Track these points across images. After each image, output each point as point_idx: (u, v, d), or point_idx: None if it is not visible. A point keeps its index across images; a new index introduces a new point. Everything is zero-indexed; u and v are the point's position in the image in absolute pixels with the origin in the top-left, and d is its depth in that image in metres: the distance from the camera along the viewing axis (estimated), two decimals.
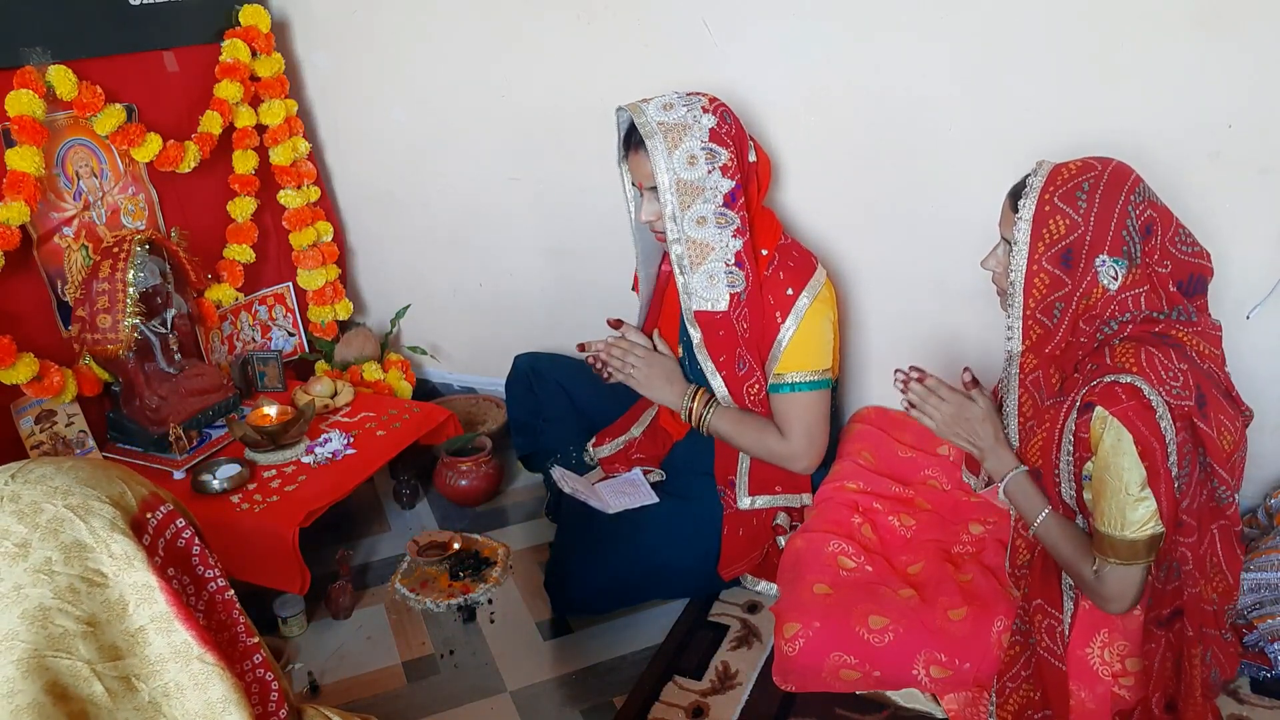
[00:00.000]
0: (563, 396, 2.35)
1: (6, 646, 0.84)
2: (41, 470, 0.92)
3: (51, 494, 0.90)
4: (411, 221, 2.84)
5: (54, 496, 0.90)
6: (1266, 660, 1.72)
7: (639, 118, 1.84)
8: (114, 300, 2.08)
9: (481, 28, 2.46)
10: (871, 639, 1.66)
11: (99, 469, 0.96)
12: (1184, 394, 1.42)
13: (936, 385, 1.70)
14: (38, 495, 0.90)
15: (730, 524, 2.03)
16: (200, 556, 0.99)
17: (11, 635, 0.84)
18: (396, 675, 1.91)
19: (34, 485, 0.91)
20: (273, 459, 2.22)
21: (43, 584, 0.86)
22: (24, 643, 0.84)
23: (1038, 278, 1.51)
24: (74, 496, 0.91)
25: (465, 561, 2.19)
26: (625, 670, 1.89)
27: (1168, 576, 1.54)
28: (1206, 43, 1.79)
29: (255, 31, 2.54)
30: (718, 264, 1.88)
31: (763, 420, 1.99)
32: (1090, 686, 1.58)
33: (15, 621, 0.84)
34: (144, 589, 0.90)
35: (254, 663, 1.02)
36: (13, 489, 0.90)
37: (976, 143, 2.03)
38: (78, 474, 0.93)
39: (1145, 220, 1.47)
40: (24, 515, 0.88)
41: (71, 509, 0.90)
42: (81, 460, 0.97)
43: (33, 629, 0.85)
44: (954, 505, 2.01)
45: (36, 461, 0.94)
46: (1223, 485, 1.48)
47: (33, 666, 0.84)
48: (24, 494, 0.90)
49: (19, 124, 2.04)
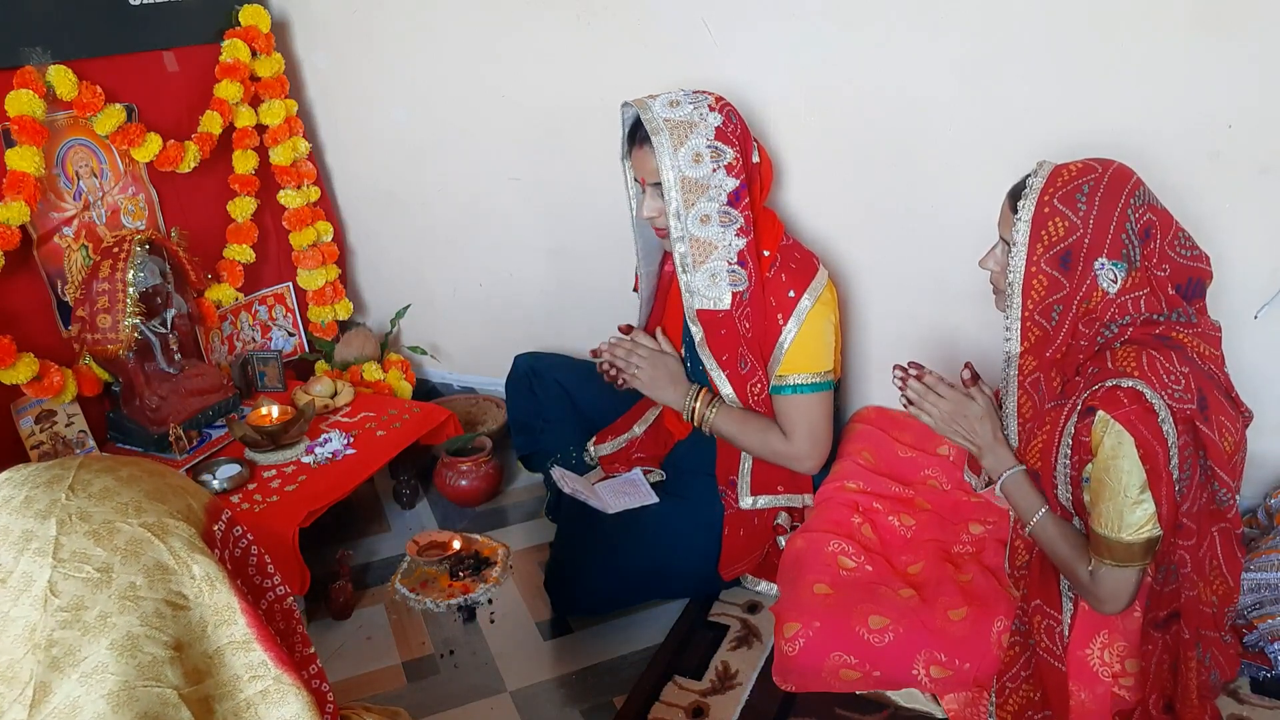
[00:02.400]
0: (563, 396, 2.35)
1: (97, 680, 0.79)
2: (101, 483, 0.87)
3: (123, 511, 0.85)
4: (411, 221, 2.84)
5: (126, 514, 0.85)
6: (1266, 660, 1.72)
7: (645, 113, 1.84)
8: (114, 300, 2.08)
9: (482, 28, 2.46)
10: (871, 639, 1.66)
11: (157, 478, 0.91)
12: (1186, 397, 1.42)
13: (935, 382, 1.70)
14: (109, 513, 0.84)
15: (731, 524, 2.03)
16: (259, 565, 0.95)
17: (101, 668, 0.79)
18: (396, 675, 1.91)
19: (100, 501, 0.85)
20: (273, 459, 2.22)
21: (129, 611, 0.81)
22: (114, 675, 0.79)
23: (1036, 279, 1.51)
24: (147, 514, 0.85)
25: (465, 561, 2.19)
26: (625, 670, 1.89)
27: (1165, 579, 1.54)
28: (1206, 43, 1.79)
29: (255, 31, 2.54)
30: (720, 263, 1.88)
31: (766, 420, 1.99)
32: (1090, 687, 1.58)
33: (104, 652, 0.79)
34: (225, 610, 0.86)
35: (310, 673, 0.98)
36: (79, 505, 0.84)
37: (977, 143, 2.03)
38: (141, 486, 0.88)
39: (1144, 224, 1.46)
40: (100, 537, 0.82)
41: (148, 528, 0.84)
42: (134, 466, 0.91)
43: (122, 659, 0.80)
44: (954, 505, 2.01)
45: (84, 468, 0.88)
46: (1223, 488, 1.48)
47: (124, 699, 0.79)
48: (93, 512, 0.84)
49: (19, 124, 2.04)
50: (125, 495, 0.86)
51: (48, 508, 0.82)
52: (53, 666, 0.78)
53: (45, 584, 0.79)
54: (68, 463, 0.88)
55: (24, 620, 0.78)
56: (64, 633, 0.79)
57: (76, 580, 0.80)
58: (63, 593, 0.79)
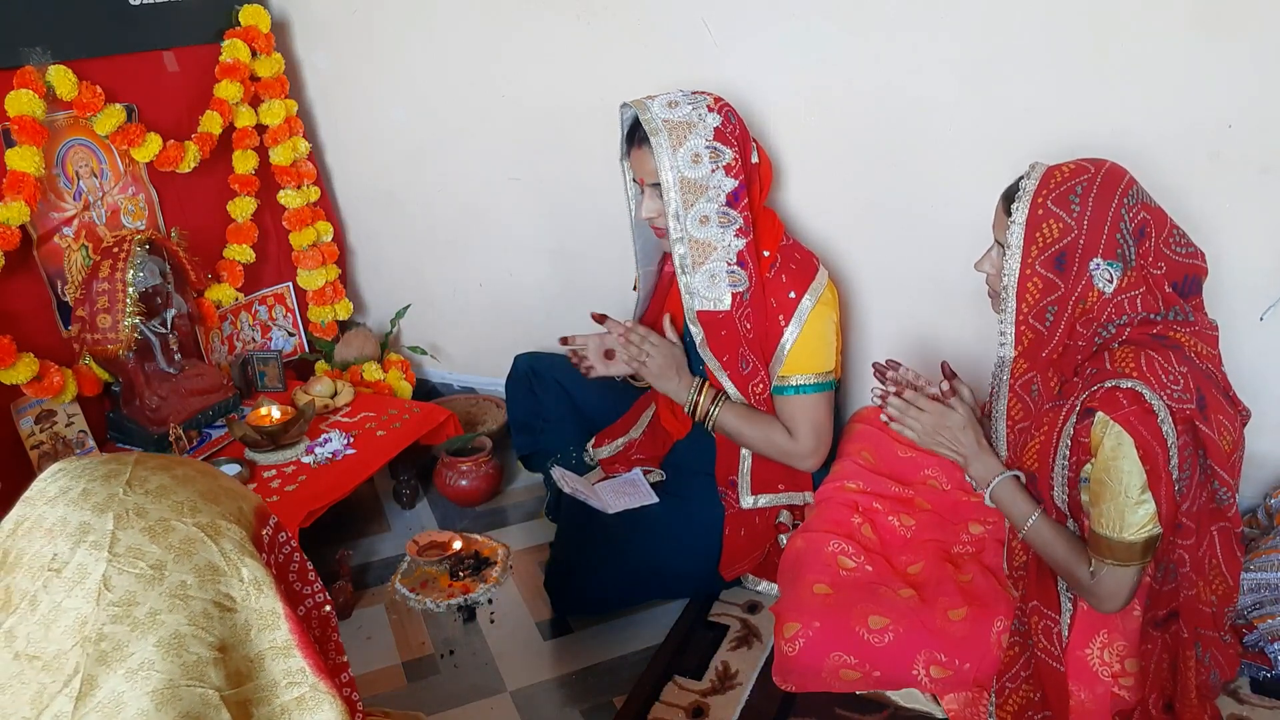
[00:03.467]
0: (563, 396, 2.35)
1: (143, 676, 0.78)
2: (158, 480, 0.87)
3: (179, 510, 0.85)
4: (411, 221, 2.84)
5: (181, 513, 0.85)
6: (1266, 660, 1.72)
7: (644, 114, 1.84)
8: (114, 300, 2.08)
9: (482, 27, 2.46)
10: (871, 639, 1.66)
11: (210, 479, 0.91)
12: (1185, 397, 1.42)
13: (914, 397, 1.68)
14: (165, 511, 0.84)
15: (732, 524, 2.03)
16: (300, 571, 0.95)
17: (147, 665, 0.78)
18: (396, 675, 1.91)
19: (157, 499, 0.85)
20: (273, 459, 2.22)
21: (178, 609, 0.81)
22: (159, 672, 0.78)
23: (1030, 282, 1.50)
24: (201, 514, 0.85)
25: (465, 561, 2.19)
26: (625, 670, 1.89)
27: (1165, 578, 1.54)
28: (1206, 43, 1.79)
29: (255, 31, 2.54)
30: (719, 264, 1.88)
31: (769, 417, 1.99)
32: (1090, 687, 1.58)
33: (151, 649, 0.79)
34: (270, 615, 0.85)
35: (342, 680, 0.97)
36: (135, 501, 0.84)
37: (976, 143, 2.03)
38: (195, 486, 0.88)
39: (1139, 223, 1.46)
40: (155, 534, 0.82)
41: (202, 528, 0.84)
42: (188, 465, 0.91)
43: (168, 658, 0.79)
44: (954, 505, 2.01)
45: (141, 464, 0.88)
46: (1223, 487, 1.48)
47: (167, 698, 0.78)
48: (149, 509, 0.84)
49: (19, 124, 2.04)
50: (181, 494, 0.86)
51: (105, 501, 0.82)
52: (100, 660, 0.77)
53: (100, 578, 0.79)
54: (124, 458, 0.88)
55: (76, 612, 0.78)
56: (114, 627, 0.78)
57: (130, 575, 0.80)
58: (116, 587, 0.79)
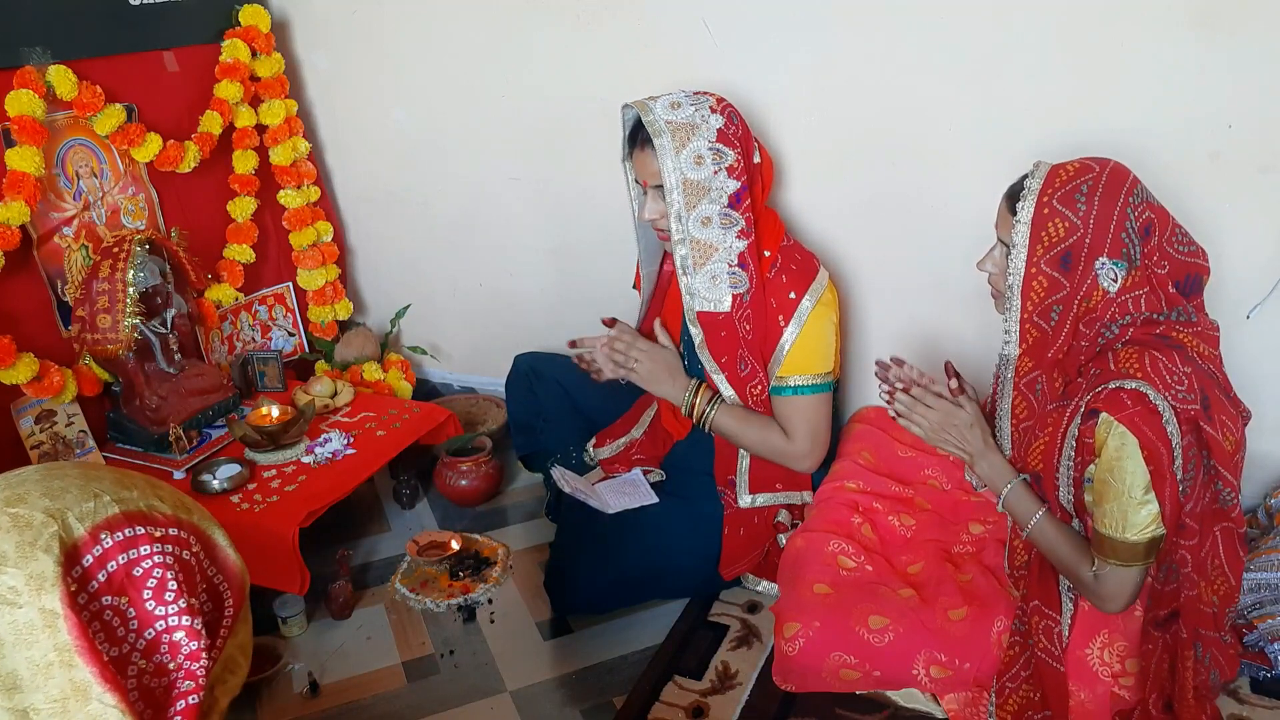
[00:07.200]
0: (563, 396, 2.35)
1: None
2: (38, 470, 0.87)
3: (11, 499, 0.84)
4: (411, 221, 2.84)
5: (11, 502, 0.84)
6: (1266, 660, 1.72)
7: (646, 116, 1.83)
8: (114, 300, 2.08)
9: (482, 27, 2.46)
10: (871, 639, 1.66)
11: (93, 479, 0.90)
12: (1189, 398, 1.42)
13: (922, 393, 1.69)
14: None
15: (731, 524, 2.03)
16: (156, 591, 0.90)
17: None
18: (396, 675, 1.91)
19: (12, 486, 0.85)
20: (273, 459, 2.22)
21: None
22: None
23: (1036, 280, 1.50)
24: (26, 505, 0.84)
25: (465, 561, 2.19)
26: (625, 670, 1.89)
27: (1167, 577, 1.54)
28: (1206, 43, 1.79)
29: (255, 31, 2.54)
30: (721, 265, 1.88)
31: (765, 418, 1.99)
32: (1090, 687, 1.58)
33: None
34: (49, 615, 0.82)
35: (177, 709, 0.92)
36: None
37: (977, 142, 2.03)
38: (63, 479, 0.87)
39: (1144, 221, 1.46)
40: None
41: (13, 518, 0.83)
42: (89, 466, 0.91)
43: None
44: (954, 505, 2.01)
45: (63, 464, 0.88)
46: (1227, 487, 1.48)
47: None
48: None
49: (19, 124, 2.04)
50: (30, 486, 0.87)
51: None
52: None
53: None
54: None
55: None
56: None
57: None
58: None
